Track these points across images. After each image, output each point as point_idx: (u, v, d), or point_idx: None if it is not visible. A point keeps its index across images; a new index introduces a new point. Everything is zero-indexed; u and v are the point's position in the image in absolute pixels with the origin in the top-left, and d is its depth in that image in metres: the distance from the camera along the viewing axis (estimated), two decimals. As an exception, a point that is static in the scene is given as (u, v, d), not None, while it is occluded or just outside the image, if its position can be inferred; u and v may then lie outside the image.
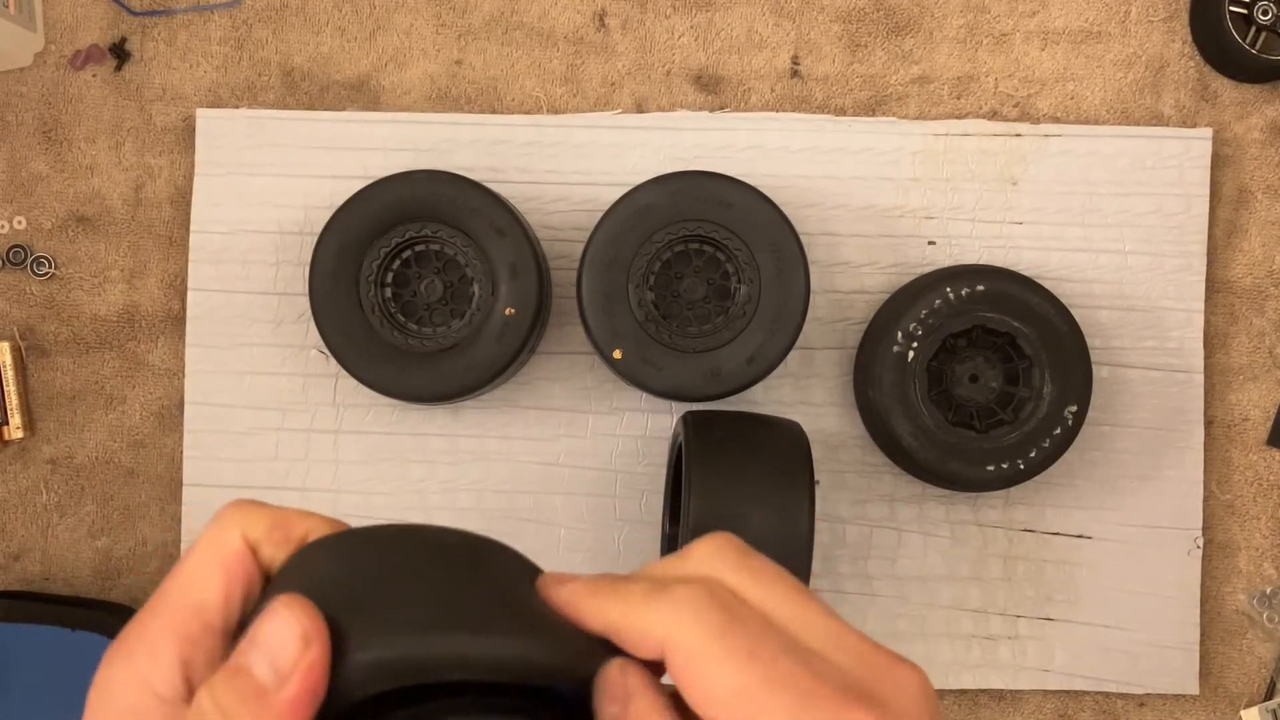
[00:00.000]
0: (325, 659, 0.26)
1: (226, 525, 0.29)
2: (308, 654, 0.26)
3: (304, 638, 0.26)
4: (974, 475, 0.70)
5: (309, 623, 0.26)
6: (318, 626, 0.26)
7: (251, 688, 0.26)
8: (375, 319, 0.70)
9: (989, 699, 0.76)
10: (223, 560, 0.28)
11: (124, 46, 0.78)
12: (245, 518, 0.29)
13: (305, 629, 0.26)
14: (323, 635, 0.26)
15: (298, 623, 0.26)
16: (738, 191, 0.70)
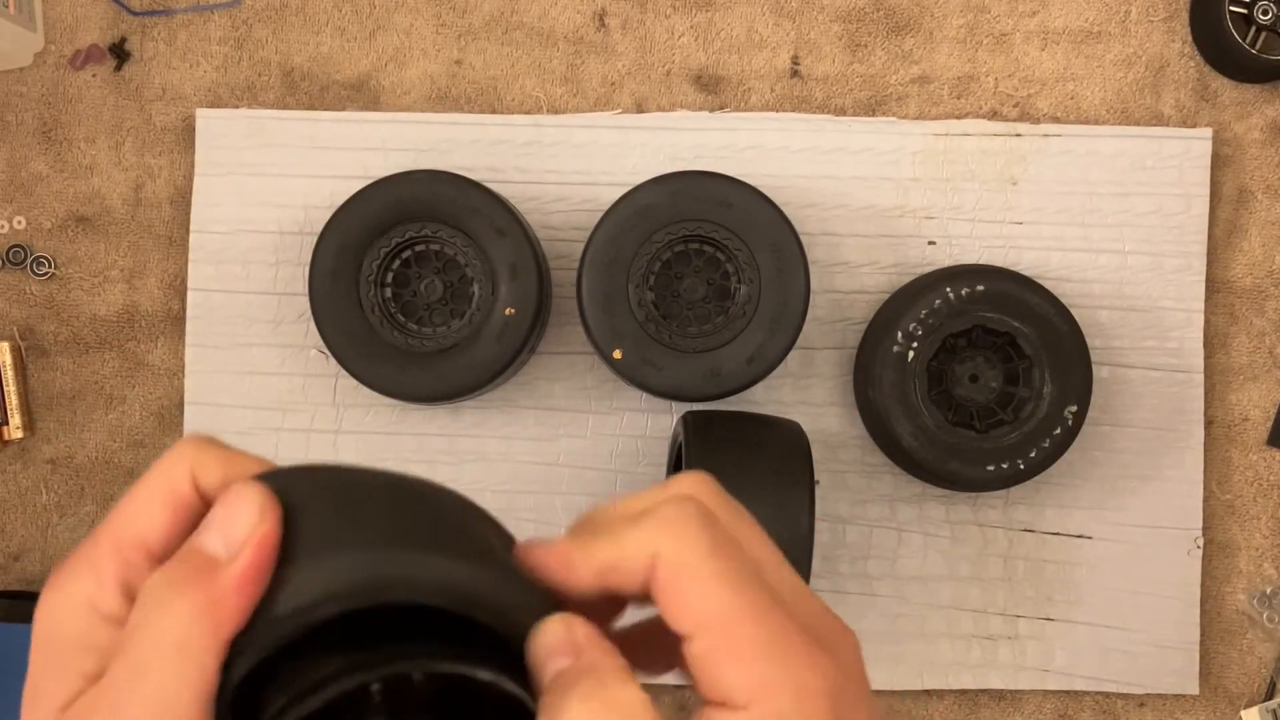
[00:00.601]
0: (276, 535, 0.27)
1: (177, 463, 0.29)
2: (261, 526, 0.27)
3: (259, 511, 0.27)
4: (974, 475, 0.70)
5: (264, 498, 0.27)
6: (272, 503, 0.27)
7: (202, 561, 0.26)
8: (375, 319, 0.70)
9: (989, 699, 0.76)
10: (170, 498, 0.28)
11: (124, 46, 0.78)
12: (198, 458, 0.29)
13: (261, 503, 0.27)
14: (276, 512, 0.27)
15: (253, 499, 0.27)
16: (738, 191, 0.70)
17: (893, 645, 0.76)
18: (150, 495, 0.28)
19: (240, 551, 0.26)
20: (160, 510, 0.28)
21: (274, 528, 0.27)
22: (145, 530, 0.28)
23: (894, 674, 0.76)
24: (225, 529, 0.27)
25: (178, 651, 0.26)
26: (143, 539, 0.28)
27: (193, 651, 0.26)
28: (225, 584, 0.26)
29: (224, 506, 0.27)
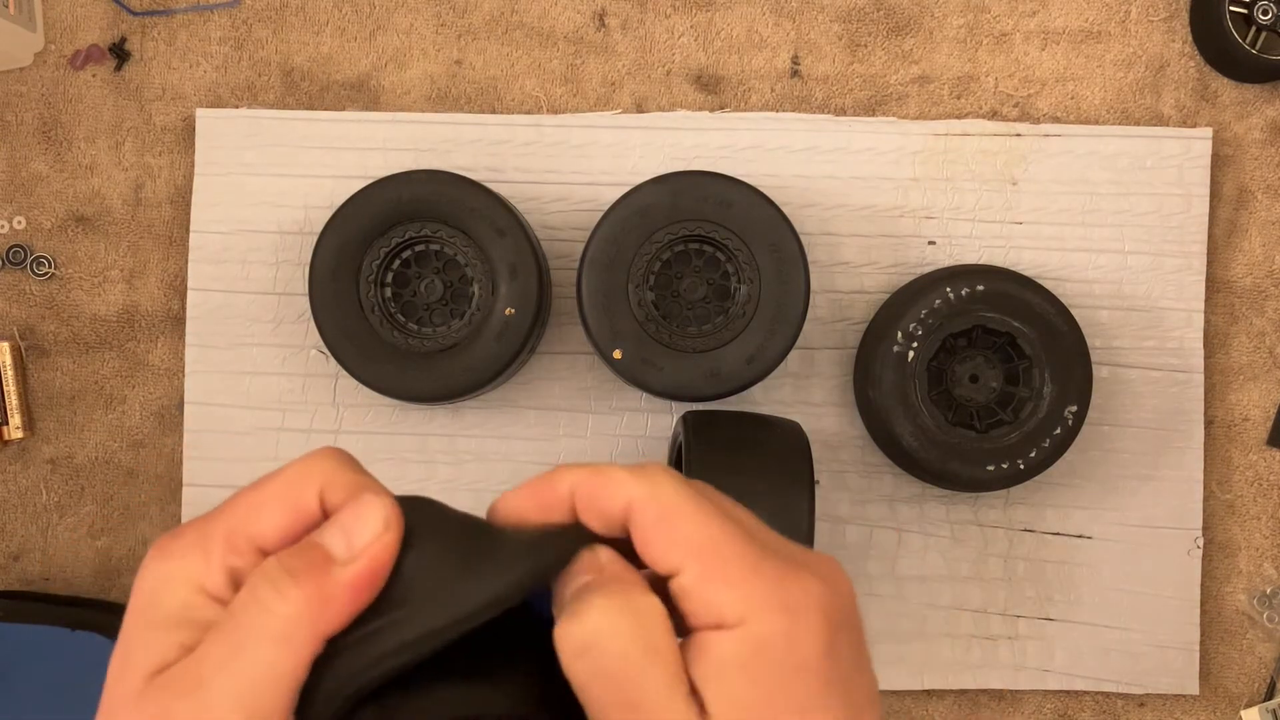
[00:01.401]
0: (396, 547, 0.28)
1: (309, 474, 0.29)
2: (384, 535, 0.28)
3: (384, 521, 0.28)
4: (974, 475, 0.70)
5: (391, 512, 0.28)
6: (398, 518, 0.28)
7: (320, 556, 0.27)
8: (375, 319, 0.70)
9: (989, 699, 0.76)
10: (294, 504, 0.29)
11: (124, 46, 0.78)
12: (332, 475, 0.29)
13: (387, 515, 0.28)
14: (400, 524, 0.28)
15: (381, 509, 0.28)
16: (738, 191, 0.70)
17: (893, 645, 0.76)
18: (275, 496, 0.29)
19: (360, 555, 0.27)
20: (281, 513, 0.29)
21: (395, 539, 0.28)
22: (262, 528, 0.28)
23: (894, 674, 0.76)
24: (350, 531, 0.28)
25: (279, 636, 0.26)
26: (257, 536, 0.28)
27: (293, 640, 0.26)
28: (339, 582, 0.27)
29: (352, 510, 0.28)
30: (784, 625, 0.27)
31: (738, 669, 0.27)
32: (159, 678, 0.27)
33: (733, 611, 0.27)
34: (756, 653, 0.27)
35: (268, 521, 0.29)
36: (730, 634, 0.27)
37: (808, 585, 0.27)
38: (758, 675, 0.27)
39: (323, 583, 0.27)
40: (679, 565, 0.28)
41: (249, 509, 0.29)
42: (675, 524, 0.28)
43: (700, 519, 0.28)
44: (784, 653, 0.27)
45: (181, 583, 0.28)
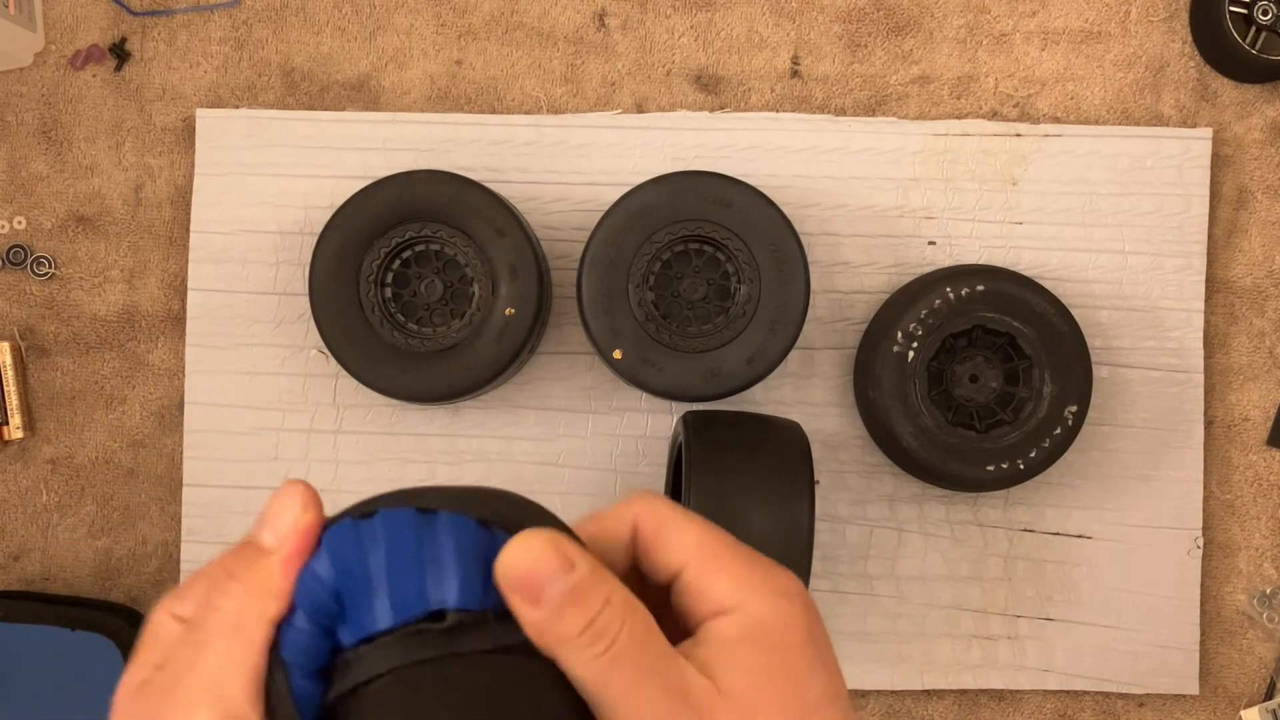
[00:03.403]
0: (317, 525, 0.31)
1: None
2: (304, 516, 0.31)
3: (302, 503, 0.31)
4: (974, 475, 0.70)
5: (307, 494, 0.31)
6: (314, 498, 0.31)
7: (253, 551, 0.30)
8: (375, 319, 0.70)
9: (989, 699, 0.76)
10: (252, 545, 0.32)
11: (124, 46, 0.78)
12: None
13: (304, 498, 0.31)
14: (318, 505, 0.31)
15: (298, 495, 0.31)
16: (738, 191, 0.70)
17: (893, 645, 0.76)
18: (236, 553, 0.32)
19: (285, 539, 0.31)
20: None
21: (315, 519, 0.31)
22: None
23: (894, 674, 0.76)
24: (274, 521, 0.31)
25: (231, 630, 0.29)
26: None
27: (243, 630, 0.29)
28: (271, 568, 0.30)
29: (274, 502, 0.31)
30: (777, 606, 0.30)
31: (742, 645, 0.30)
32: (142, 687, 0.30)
33: (732, 598, 0.30)
34: (756, 630, 0.30)
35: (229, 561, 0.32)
36: (731, 617, 0.30)
37: (789, 577, 0.31)
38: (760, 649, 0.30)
39: (258, 573, 0.30)
40: (681, 563, 0.31)
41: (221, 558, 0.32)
42: (673, 529, 0.31)
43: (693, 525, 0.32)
44: (781, 631, 0.30)
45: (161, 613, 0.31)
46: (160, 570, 0.77)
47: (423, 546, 0.30)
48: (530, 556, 0.29)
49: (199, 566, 0.36)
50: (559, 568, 0.29)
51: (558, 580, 0.29)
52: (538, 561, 0.29)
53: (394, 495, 0.32)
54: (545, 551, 0.29)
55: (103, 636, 0.72)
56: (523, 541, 0.30)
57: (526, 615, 0.29)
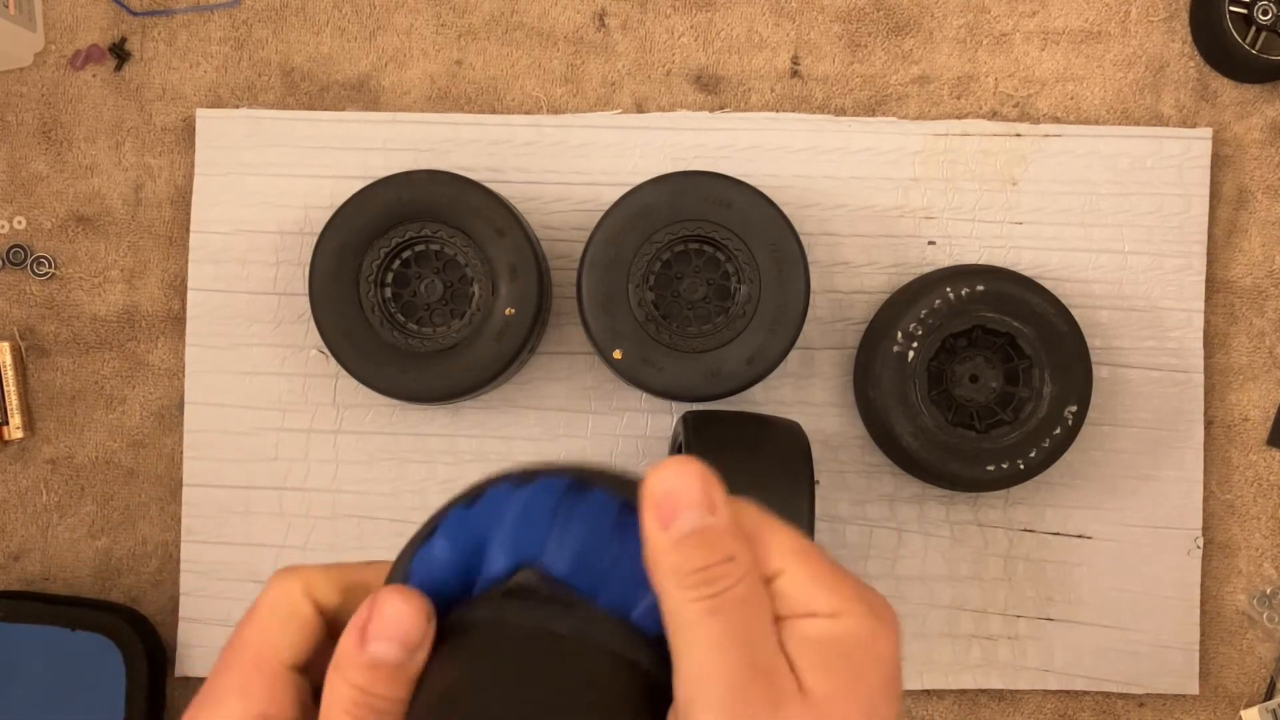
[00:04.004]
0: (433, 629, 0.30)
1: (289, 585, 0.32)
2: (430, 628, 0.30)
3: (428, 616, 0.30)
4: (974, 475, 0.70)
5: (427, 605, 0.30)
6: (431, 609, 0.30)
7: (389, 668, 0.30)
8: (375, 319, 0.70)
9: (989, 699, 0.76)
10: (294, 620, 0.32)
11: (124, 46, 0.78)
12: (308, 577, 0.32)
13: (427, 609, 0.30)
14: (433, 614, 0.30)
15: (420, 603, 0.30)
16: (738, 191, 0.70)
17: (893, 645, 0.76)
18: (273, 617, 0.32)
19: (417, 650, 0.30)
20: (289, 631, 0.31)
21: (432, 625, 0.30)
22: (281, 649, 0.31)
23: (894, 674, 0.76)
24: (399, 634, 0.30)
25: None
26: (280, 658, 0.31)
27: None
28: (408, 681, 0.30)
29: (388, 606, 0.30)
30: (871, 625, 0.30)
31: (828, 650, 0.30)
32: None
33: (827, 606, 0.30)
34: (846, 640, 0.30)
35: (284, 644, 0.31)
36: (823, 621, 0.30)
37: (885, 602, 0.31)
38: (845, 659, 0.30)
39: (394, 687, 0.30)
40: (780, 567, 0.30)
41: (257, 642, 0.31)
42: (772, 532, 0.31)
43: (790, 530, 0.31)
44: (868, 648, 0.30)
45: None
46: (160, 570, 0.77)
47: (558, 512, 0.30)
48: (679, 481, 0.29)
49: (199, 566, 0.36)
50: (701, 504, 0.29)
51: (694, 514, 0.29)
52: (685, 489, 0.29)
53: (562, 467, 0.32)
54: (695, 483, 0.29)
55: (103, 636, 0.72)
56: (679, 465, 0.30)
57: (652, 534, 0.29)
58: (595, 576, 0.30)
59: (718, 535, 0.29)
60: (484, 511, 0.31)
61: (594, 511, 0.31)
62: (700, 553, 0.29)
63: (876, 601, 0.31)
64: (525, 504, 0.31)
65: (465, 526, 0.31)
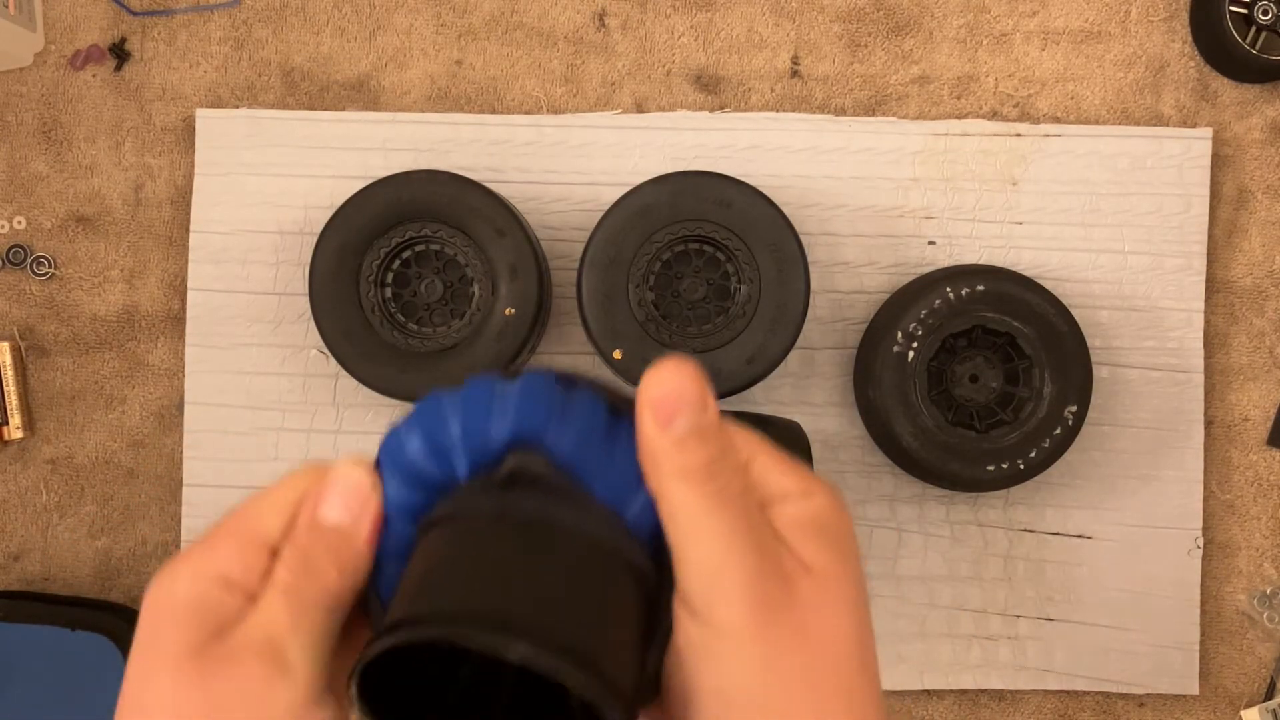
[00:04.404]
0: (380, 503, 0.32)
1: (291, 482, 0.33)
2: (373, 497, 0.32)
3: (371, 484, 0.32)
4: (974, 475, 0.70)
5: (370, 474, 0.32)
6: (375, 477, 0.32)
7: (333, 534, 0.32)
8: (375, 319, 0.70)
9: (989, 699, 0.76)
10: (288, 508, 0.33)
11: (124, 46, 0.78)
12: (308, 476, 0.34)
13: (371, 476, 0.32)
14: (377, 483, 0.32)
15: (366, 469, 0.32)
16: (738, 191, 0.70)
17: (893, 645, 0.76)
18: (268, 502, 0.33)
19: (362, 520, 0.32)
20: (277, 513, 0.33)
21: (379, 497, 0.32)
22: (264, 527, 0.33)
23: (894, 674, 0.76)
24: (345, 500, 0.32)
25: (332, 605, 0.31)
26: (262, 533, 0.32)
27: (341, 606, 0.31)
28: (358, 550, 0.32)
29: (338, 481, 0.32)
30: (834, 502, 0.33)
31: (810, 528, 0.32)
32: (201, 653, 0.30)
33: (797, 487, 0.32)
34: (821, 518, 0.32)
35: (267, 522, 0.32)
36: (798, 502, 0.32)
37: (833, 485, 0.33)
38: (826, 535, 0.32)
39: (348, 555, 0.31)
40: (750, 455, 0.32)
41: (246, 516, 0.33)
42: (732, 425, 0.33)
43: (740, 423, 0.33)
44: (840, 518, 0.32)
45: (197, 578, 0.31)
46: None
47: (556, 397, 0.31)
48: (677, 382, 0.31)
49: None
50: (697, 404, 0.31)
51: (692, 413, 0.30)
52: (683, 390, 0.30)
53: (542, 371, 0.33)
54: (692, 383, 0.31)
55: (103, 636, 0.72)
56: (676, 366, 0.31)
57: (649, 436, 0.31)
58: (593, 468, 0.31)
59: (714, 431, 0.31)
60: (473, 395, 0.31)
61: (586, 405, 0.31)
62: (702, 450, 0.30)
63: (828, 484, 0.33)
64: (524, 386, 0.31)
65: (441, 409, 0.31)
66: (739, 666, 0.30)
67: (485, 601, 0.28)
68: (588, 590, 0.30)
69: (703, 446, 0.30)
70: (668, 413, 0.30)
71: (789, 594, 0.31)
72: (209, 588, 0.31)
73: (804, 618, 0.31)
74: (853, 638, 0.31)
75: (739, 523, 0.31)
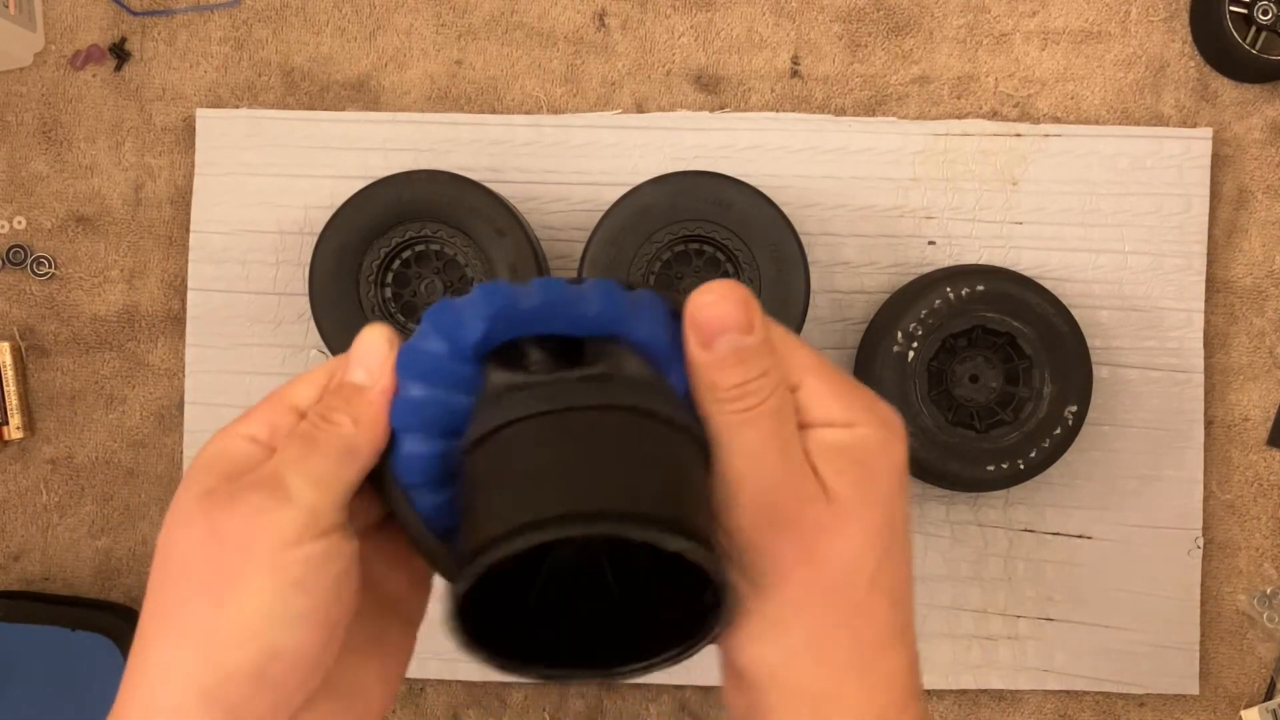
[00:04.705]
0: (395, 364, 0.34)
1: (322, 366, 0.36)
2: (391, 354, 0.34)
3: (388, 341, 0.34)
4: (974, 475, 0.70)
5: (391, 334, 0.35)
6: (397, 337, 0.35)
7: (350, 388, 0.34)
8: (375, 319, 0.70)
9: (989, 699, 0.76)
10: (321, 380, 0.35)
11: (124, 46, 0.78)
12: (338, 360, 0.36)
13: (390, 337, 0.34)
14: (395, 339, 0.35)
15: (384, 335, 0.35)
16: (738, 191, 0.70)
17: (893, 645, 0.76)
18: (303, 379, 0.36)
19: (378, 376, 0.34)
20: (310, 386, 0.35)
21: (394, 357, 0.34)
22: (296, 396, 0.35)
23: (894, 674, 0.76)
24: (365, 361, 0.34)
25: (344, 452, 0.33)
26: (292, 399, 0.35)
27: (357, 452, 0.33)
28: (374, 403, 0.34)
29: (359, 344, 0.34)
30: (882, 434, 0.33)
31: (846, 456, 0.33)
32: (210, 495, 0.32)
33: (843, 416, 0.33)
34: (861, 448, 0.33)
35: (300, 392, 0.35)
36: (839, 430, 0.33)
37: (893, 413, 0.34)
38: (862, 466, 0.33)
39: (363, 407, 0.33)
40: (802, 379, 0.33)
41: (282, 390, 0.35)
42: (797, 348, 0.34)
43: (810, 348, 0.34)
44: (882, 452, 0.33)
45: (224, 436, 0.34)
46: (160, 570, 0.77)
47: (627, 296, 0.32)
48: (722, 307, 0.32)
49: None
50: (740, 326, 0.32)
51: (733, 336, 0.32)
52: (726, 313, 0.32)
53: None
54: (735, 306, 0.32)
55: (103, 636, 0.72)
56: (722, 290, 0.32)
57: (693, 352, 0.32)
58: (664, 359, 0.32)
59: (753, 353, 0.32)
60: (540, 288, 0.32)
61: (650, 302, 0.33)
62: (737, 370, 0.32)
63: (886, 412, 0.34)
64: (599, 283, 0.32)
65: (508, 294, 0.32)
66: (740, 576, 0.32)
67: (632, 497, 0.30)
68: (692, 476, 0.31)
69: (739, 367, 0.32)
70: (710, 334, 0.32)
71: (801, 513, 0.32)
72: (233, 441, 0.34)
73: (813, 539, 0.32)
74: (864, 566, 0.32)
75: (764, 441, 0.32)
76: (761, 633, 0.32)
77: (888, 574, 0.32)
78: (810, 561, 0.32)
